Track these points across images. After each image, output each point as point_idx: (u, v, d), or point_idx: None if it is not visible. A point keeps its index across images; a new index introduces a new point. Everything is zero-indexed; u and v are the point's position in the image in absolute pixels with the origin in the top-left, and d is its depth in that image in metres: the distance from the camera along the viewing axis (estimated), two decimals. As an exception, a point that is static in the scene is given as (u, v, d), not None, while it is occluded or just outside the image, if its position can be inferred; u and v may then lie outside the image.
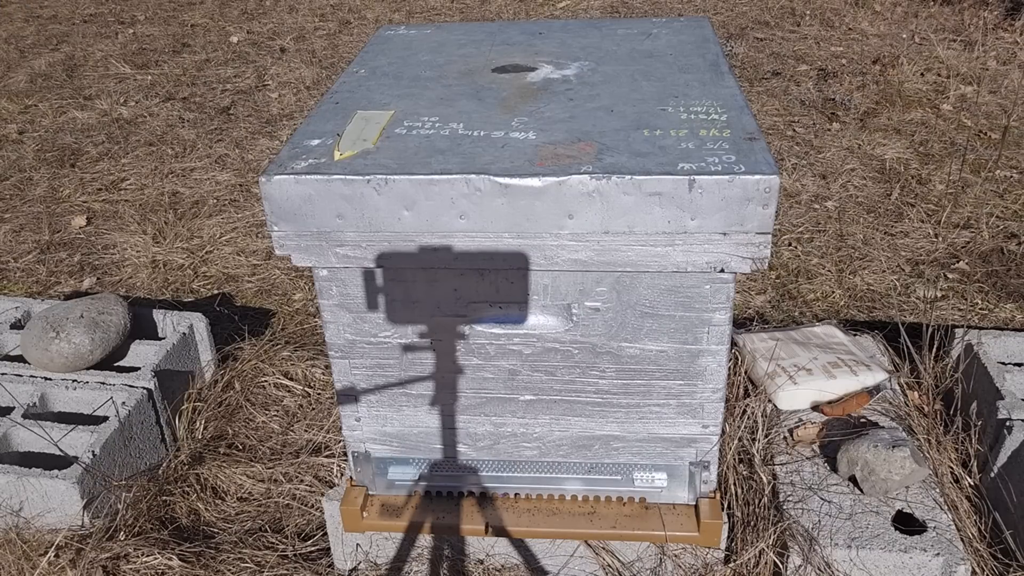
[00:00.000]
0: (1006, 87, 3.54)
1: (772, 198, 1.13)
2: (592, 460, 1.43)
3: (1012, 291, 2.37)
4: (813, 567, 1.38)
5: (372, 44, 1.67)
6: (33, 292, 2.52)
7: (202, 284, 2.55)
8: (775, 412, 1.67)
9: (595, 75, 1.45)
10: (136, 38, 4.72)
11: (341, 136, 1.28)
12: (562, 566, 1.51)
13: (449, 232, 1.20)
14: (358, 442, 1.46)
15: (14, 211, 2.95)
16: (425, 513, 1.48)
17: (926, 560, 1.36)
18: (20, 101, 3.90)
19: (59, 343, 1.79)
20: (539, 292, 1.27)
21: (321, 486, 1.78)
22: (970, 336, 1.78)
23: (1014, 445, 1.53)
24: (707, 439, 1.39)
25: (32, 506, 1.62)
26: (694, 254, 1.19)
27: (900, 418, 1.64)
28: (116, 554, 1.55)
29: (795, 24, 4.34)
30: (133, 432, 1.74)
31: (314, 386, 2.03)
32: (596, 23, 1.73)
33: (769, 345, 1.77)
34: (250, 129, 3.52)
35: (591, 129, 1.26)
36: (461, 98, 1.39)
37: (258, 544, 1.64)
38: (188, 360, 1.97)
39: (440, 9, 4.91)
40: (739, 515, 1.51)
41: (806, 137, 3.22)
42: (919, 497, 1.46)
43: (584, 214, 1.17)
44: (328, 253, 1.24)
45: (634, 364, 1.32)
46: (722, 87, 1.38)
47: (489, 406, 1.39)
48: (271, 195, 1.20)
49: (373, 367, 1.37)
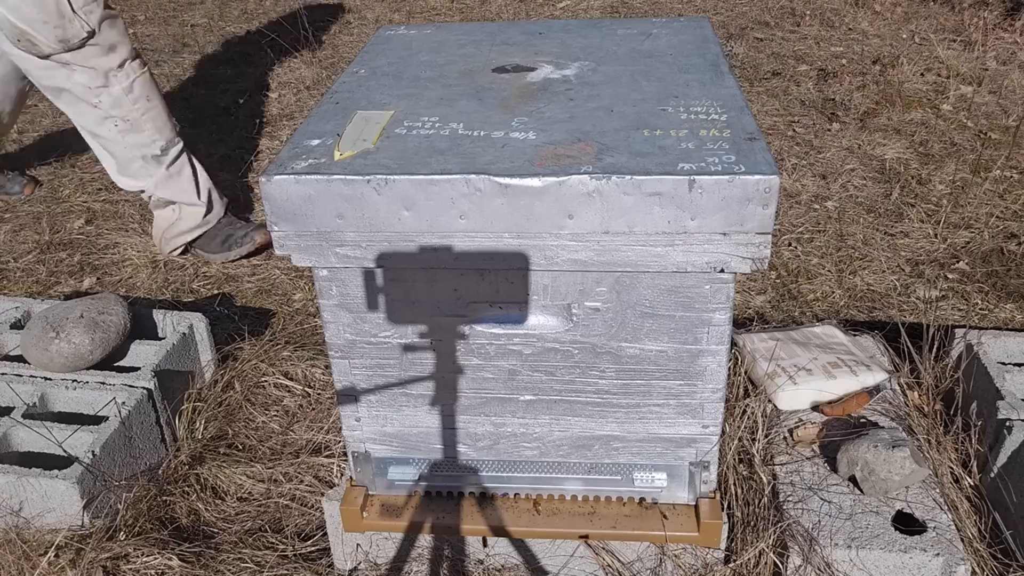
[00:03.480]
0: (1006, 87, 3.53)
1: (772, 198, 1.13)
2: (592, 460, 1.43)
3: (1012, 291, 2.37)
4: (813, 567, 1.38)
5: (372, 44, 1.67)
6: (33, 292, 2.52)
7: (202, 284, 2.55)
8: (775, 412, 1.67)
9: (595, 75, 1.45)
10: (136, 38, 4.72)
11: (341, 136, 1.28)
12: (562, 566, 1.51)
13: (449, 232, 1.20)
14: (358, 442, 1.46)
15: (14, 211, 2.95)
16: (425, 513, 1.48)
17: (926, 560, 1.36)
18: (20, 101, 3.90)
19: (59, 343, 1.79)
20: (539, 292, 1.27)
21: (321, 486, 1.78)
22: (970, 336, 1.78)
23: (1014, 445, 1.53)
24: (707, 439, 1.39)
25: (32, 506, 1.62)
26: (694, 254, 1.19)
27: (900, 418, 1.64)
28: (116, 554, 1.55)
29: (795, 24, 4.34)
30: (133, 432, 1.74)
31: (314, 386, 2.03)
32: (596, 23, 1.73)
33: (769, 345, 1.77)
34: (250, 129, 3.52)
35: (591, 129, 1.26)
36: (461, 98, 1.39)
37: (258, 544, 1.64)
38: (188, 360, 1.97)
39: (440, 9, 4.91)
40: (739, 515, 1.51)
41: (806, 137, 3.21)
42: (919, 497, 1.46)
43: (584, 214, 1.17)
44: (328, 253, 1.24)
45: (634, 364, 1.32)
46: (722, 87, 1.38)
47: (489, 406, 1.39)
48: (271, 195, 1.20)
49: (373, 367, 1.37)
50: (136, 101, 2.33)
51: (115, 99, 2.30)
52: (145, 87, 2.35)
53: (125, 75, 2.29)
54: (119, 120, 2.33)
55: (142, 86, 2.34)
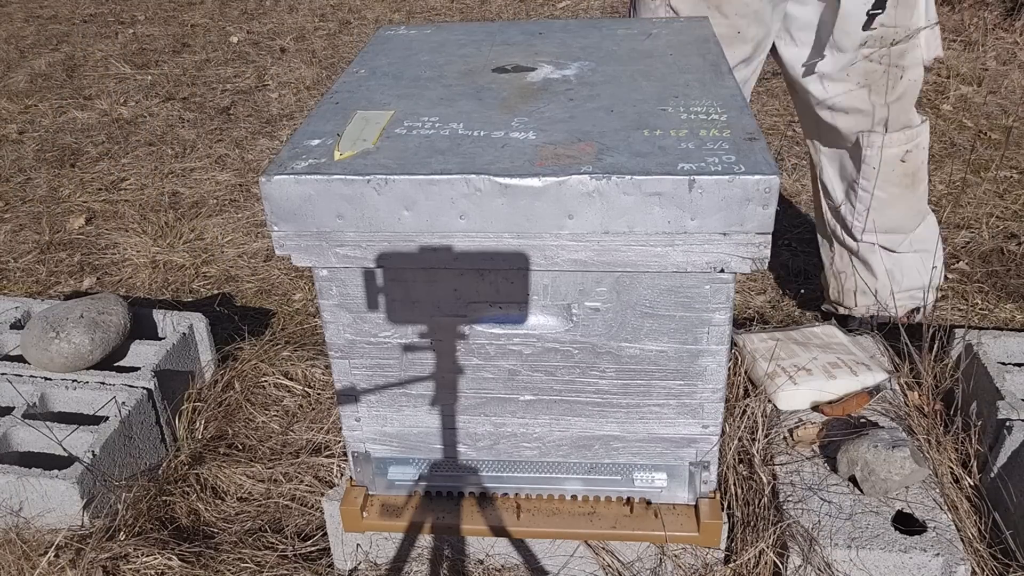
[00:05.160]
0: (1006, 87, 3.53)
1: (772, 198, 1.13)
2: (592, 460, 1.43)
3: (1012, 291, 2.37)
4: (813, 567, 1.38)
5: (372, 44, 1.67)
6: (33, 292, 2.52)
7: (202, 284, 2.55)
8: (775, 412, 1.67)
9: (595, 75, 1.45)
10: (136, 38, 4.72)
11: (341, 136, 1.28)
12: (562, 566, 1.51)
13: (449, 232, 1.20)
14: (358, 442, 1.46)
15: (14, 211, 2.95)
16: (425, 513, 1.48)
17: (926, 560, 1.36)
18: (20, 101, 3.90)
19: (59, 343, 1.79)
20: (539, 292, 1.27)
21: (321, 486, 1.78)
22: (970, 336, 1.78)
23: (1014, 445, 1.53)
24: (707, 439, 1.39)
25: (32, 506, 1.62)
26: (694, 254, 1.19)
27: (900, 418, 1.64)
28: (116, 554, 1.55)
29: (795, 24, 4.33)
30: (133, 432, 1.74)
31: (314, 386, 2.03)
32: (596, 23, 1.73)
33: (769, 345, 1.77)
34: (250, 129, 3.52)
35: (591, 129, 1.26)
36: (461, 98, 1.39)
37: (258, 544, 1.64)
38: (188, 360, 1.97)
39: (440, 9, 4.91)
40: (739, 515, 1.51)
41: (806, 137, 3.21)
42: (919, 497, 1.46)
43: (584, 214, 1.17)
44: (328, 253, 1.24)
45: (634, 364, 1.32)
46: (722, 87, 1.38)
47: (489, 406, 1.39)
48: (271, 195, 1.20)
49: (373, 367, 1.37)
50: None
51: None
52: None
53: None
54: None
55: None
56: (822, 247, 2.14)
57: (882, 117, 1.85)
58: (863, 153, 1.90)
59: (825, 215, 2.08)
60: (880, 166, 1.90)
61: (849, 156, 1.95)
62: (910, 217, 1.99)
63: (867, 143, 1.89)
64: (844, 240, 2.05)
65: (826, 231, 2.10)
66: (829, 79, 1.84)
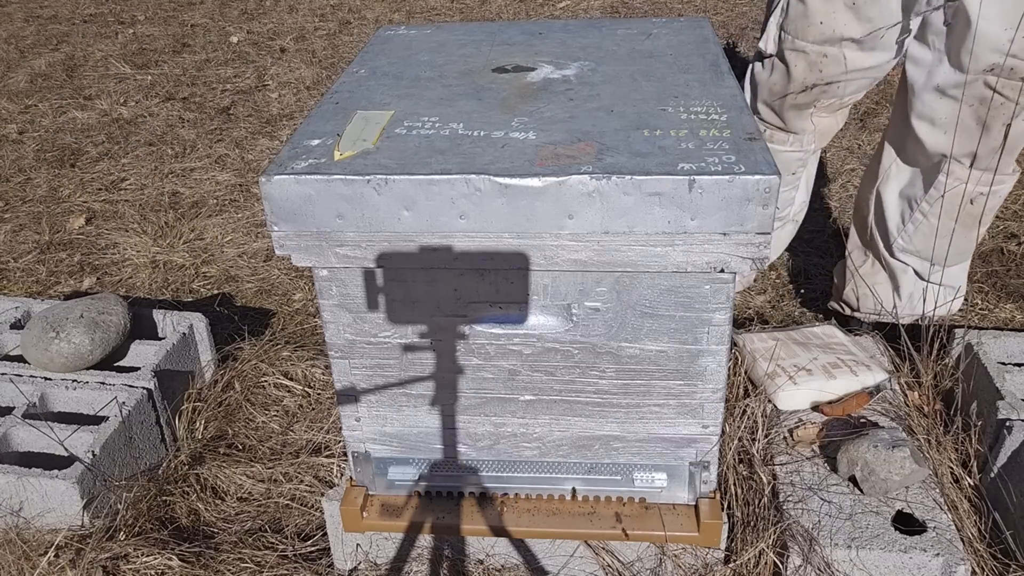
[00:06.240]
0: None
1: (772, 198, 1.13)
2: (592, 460, 1.43)
3: (1012, 291, 2.37)
4: (813, 567, 1.38)
5: (372, 44, 1.67)
6: (33, 292, 2.52)
7: (202, 284, 2.55)
8: (775, 412, 1.67)
9: (595, 75, 1.45)
10: (136, 38, 4.72)
11: (341, 136, 1.28)
12: (562, 566, 1.51)
13: (449, 232, 1.20)
14: (358, 442, 1.46)
15: (14, 211, 2.95)
16: (425, 513, 1.48)
17: (926, 560, 1.36)
18: (20, 101, 3.90)
19: (59, 343, 1.79)
20: (539, 292, 1.27)
21: (321, 486, 1.78)
22: (970, 336, 1.78)
23: (1014, 445, 1.53)
24: (707, 439, 1.39)
25: (32, 506, 1.62)
26: (694, 254, 1.19)
27: (900, 418, 1.64)
28: (116, 554, 1.55)
29: (795, 24, 4.33)
30: (133, 432, 1.74)
31: (314, 386, 2.03)
32: (596, 23, 1.73)
33: (769, 345, 1.77)
34: (250, 129, 3.52)
35: (591, 129, 1.26)
36: (461, 98, 1.39)
37: (258, 544, 1.64)
38: (188, 360, 1.97)
39: (440, 9, 4.91)
40: (739, 515, 1.51)
41: (806, 137, 3.21)
42: (919, 497, 1.46)
43: (584, 214, 1.17)
44: (328, 253, 1.24)
45: (634, 364, 1.32)
46: (722, 87, 1.38)
47: (489, 406, 1.39)
48: (271, 195, 1.20)
49: (373, 367, 1.37)
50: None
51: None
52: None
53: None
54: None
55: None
56: (853, 251, 2.08)
57: (973, 150, 1.75)
58: (937, 178, 1.81)
59: (868, 223, 2.02)
60: (948, 196, 1.82)
61: (921, 175, 1.87)
62: (955, 255, 1.93)
63: (947, 170, 1.79)
64: (879, 251, 2.01)
65: (866, 237, 2.04)
66: (942, 93, 1.74)
